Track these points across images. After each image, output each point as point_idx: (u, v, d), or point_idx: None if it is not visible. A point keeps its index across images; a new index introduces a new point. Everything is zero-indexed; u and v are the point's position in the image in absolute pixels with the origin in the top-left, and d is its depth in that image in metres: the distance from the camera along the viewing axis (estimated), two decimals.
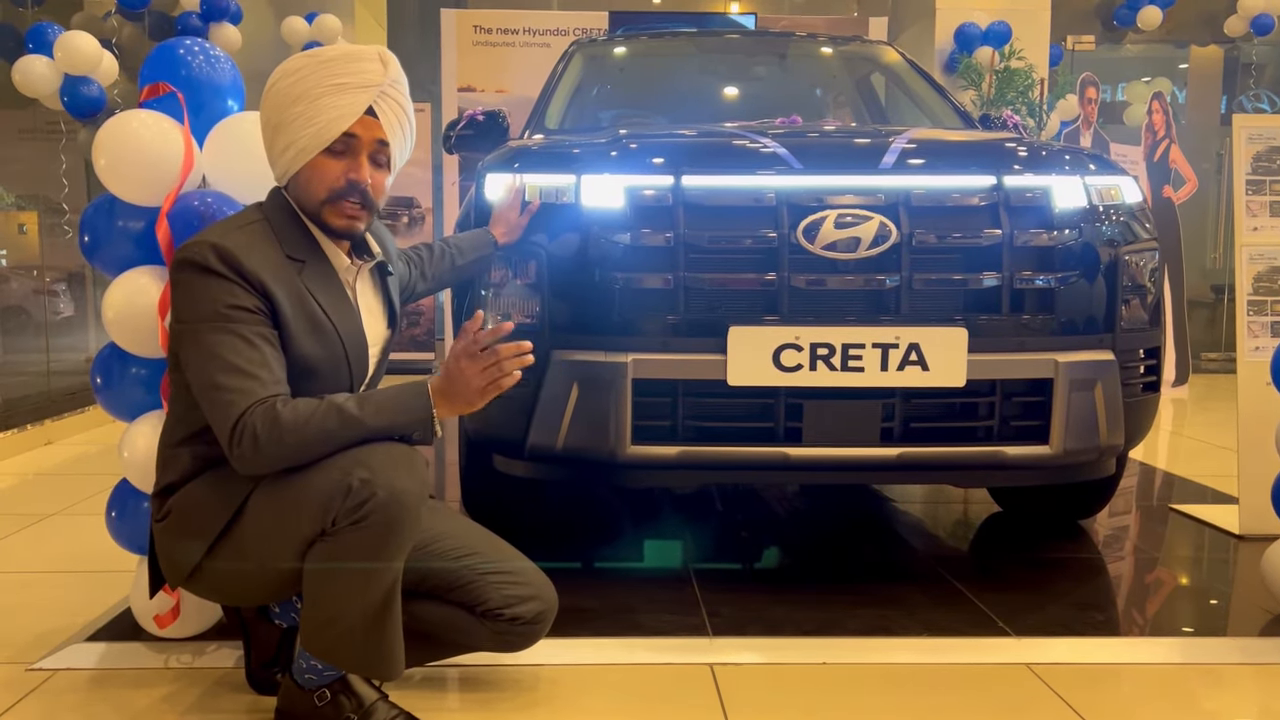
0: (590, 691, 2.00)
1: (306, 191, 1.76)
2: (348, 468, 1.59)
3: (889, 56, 4.08)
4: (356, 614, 1.63)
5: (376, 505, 1.57)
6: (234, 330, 1.63)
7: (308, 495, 1.59)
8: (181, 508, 1.70)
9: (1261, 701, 2.02)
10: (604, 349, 2.30)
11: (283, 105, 1.74)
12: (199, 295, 1.64)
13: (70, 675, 2.04)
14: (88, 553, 2.79)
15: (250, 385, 1.60)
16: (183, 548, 1.70)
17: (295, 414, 1.59)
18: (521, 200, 2.41)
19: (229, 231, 1.71)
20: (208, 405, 1.63)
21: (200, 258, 1.65)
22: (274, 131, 1.76)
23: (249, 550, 1.67)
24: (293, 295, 1.71)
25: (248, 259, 1.66)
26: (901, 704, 1.96)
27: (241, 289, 1.65)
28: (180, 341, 1.68)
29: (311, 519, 1.59)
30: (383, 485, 1.58)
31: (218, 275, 1.64)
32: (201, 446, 1.70)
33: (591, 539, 3.05)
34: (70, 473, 4.04)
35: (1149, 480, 3.94)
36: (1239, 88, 9.61)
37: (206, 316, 1.63)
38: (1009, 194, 2.36)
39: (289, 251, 1.74)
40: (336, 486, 1.57)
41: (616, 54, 4.20)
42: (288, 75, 1.76)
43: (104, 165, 2.02)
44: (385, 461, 1.60)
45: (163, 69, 2.12)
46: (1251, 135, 3.09)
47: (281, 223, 1.77)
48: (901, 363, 2.26)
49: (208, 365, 1.62)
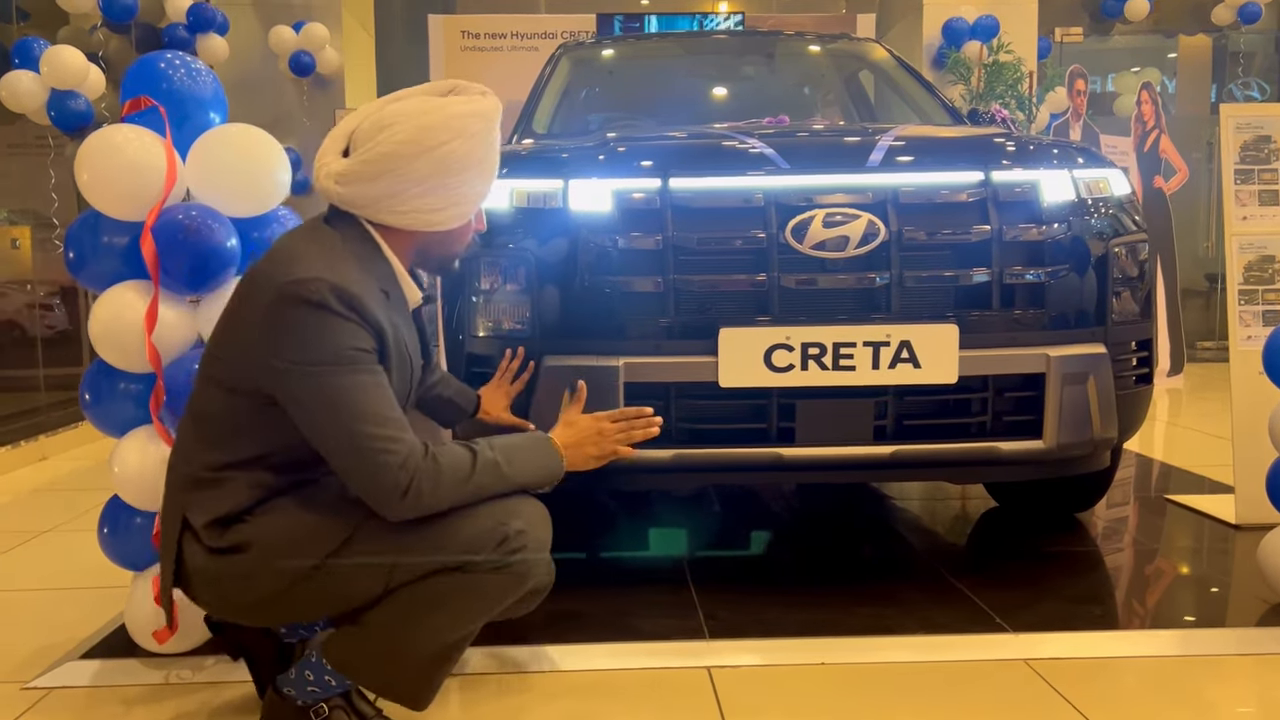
0: (588, 696, 1.99)
1: (451, 245, 1.78)
2: (503, 517, 1.64)
3: (876, 54, 4.08)
4: (433, 647, 1.65)
5: (526, 555, 1.65)
6: (363, 374, 1.57)
7: (458, 533, 1.61)
8: (272, 538, 1.61)
9: (1261, 693, 2.01)
10: (595, 353, 2.29)
11: (459, 168, 1.67)
12: (321, 337, 1.56)
13: (66, 693, 2.04)
14: (83, 569, 2.78)
15: (397, 433, 1.57)
16: (270, 578, 1.62)
17: (456, 468, 1.60)
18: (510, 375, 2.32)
19: (334, 266, 1.60)
20: (350, 453, 1.55)
21: (318, 297, 1.55)
22: (441, 189, 1.68)
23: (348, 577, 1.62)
24: (393, 331, 1.66)
25: (367, 299, 1.59)
26: (899, 703, 1.95)
27: (364, 330, 1.58)
28: (286, 380, 1.57)
29: (452, 554, 1.61)
30: (534, 538, 1.66)
31: (340, 316, 1.56)
32: (263, 473, 1.64)
33: (588, 543, 3.04)
34: (65, 488, 4.03)
35: (1146, 471, 3.94)
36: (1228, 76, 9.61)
37: (332, 360, 1.55)
38: (997, 189, 2.36)
39: (380, 284, 1.68)
40: (491, 532, 1.62)
41: (603, 57, 4.20)
42: (480, 119, 1.69)
43: (87, 181, 2.01)
44: (537, 516, 1.70)
45: (144, 83, 2.11)
46: (1239, 124, 3.09)
47: (366, 253, 1.69)
48: (893, 360, 2.26)
49: (343, 413, 1.55)
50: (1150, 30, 9.27)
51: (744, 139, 2.57)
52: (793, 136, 2.78)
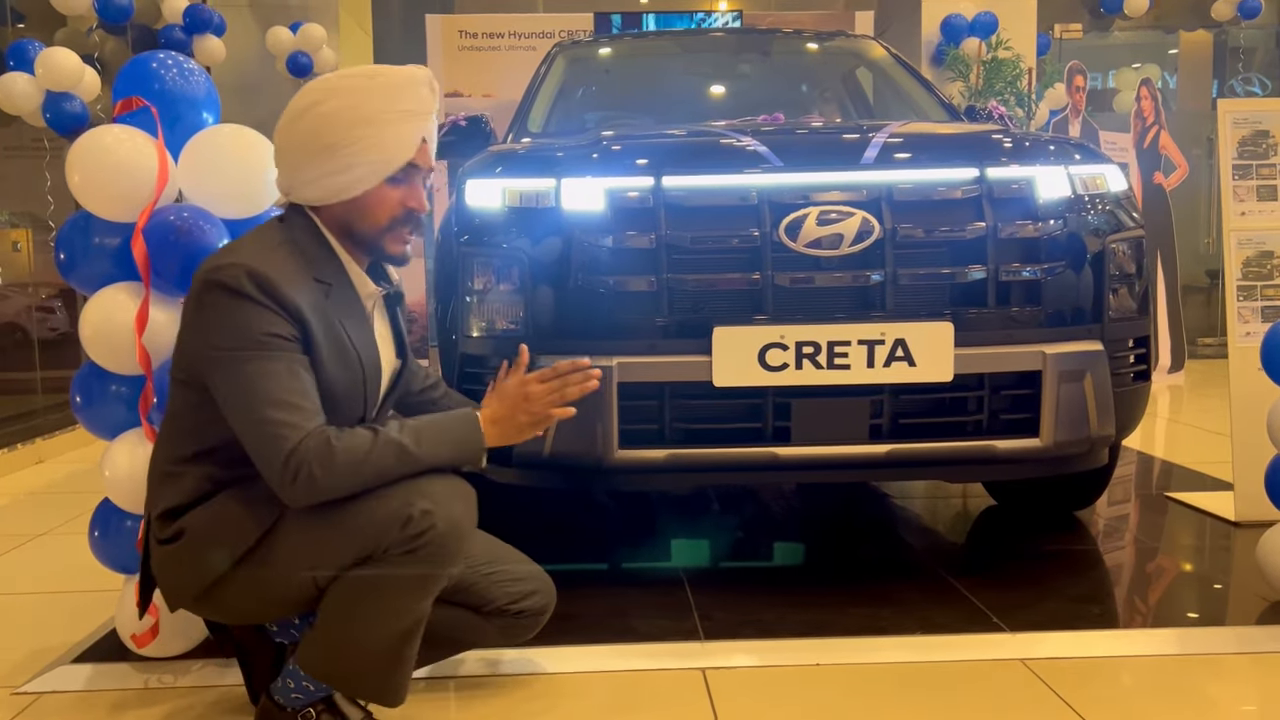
0: (583, 698, 1.98)
1: (364, 219, 1.72)
2: (408, 497, 1.58)
3: (873, 51, 4.06)
4: (381, 640, 1.62)
5: (434, 536, 1.58)
6: (274, 360, 1.57)
7: (359, 520, 1.58)
8: (200, 528, 1.64)
9: (1260, 691, 2.00)
10: (588, 353, 2.27)
11: (337, 127, 1.66)
12: (234, 321, 1.58)
13: (57, 698, 2.02)
14: (76, 573, 2.77)
15: (297, 418, 1.55)
16: (196, 568, 1.65)
17: (351, 449, 1.56)
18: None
19: (260, 253, 1.63)
20: (253, 438, 1.57)
21: (233, 281, 1.57)
22: (320, 152, 1.66)
23: (276, 571, 1.63)
24: (324, 320, 1.65)
25: (285, 285, 1.60)
26: (893, 704, 1.94)
27: (279, 316, 1.59)
28: (209, 367, 1.60)
29: (361, 543, 1.58)
30: (443, 517, 1.59)
31: (253, 301, 1.57)
32: (211, 467, 1.66)
33: (584, 544, 3.03)
34: (61, 491, 4.02)
35: (1146, 469, 3.92)
36: (1229, 72, 9.60)
37: (243, 345, 1.57)
38: (992, 186, 2.34)
39: (317, 274, 1.68)
40: (394, 514, 1.57)
41: (599, 55, 4.19)
42: (346, 95, 1.67)
43: (78, 182, 2.00)
44: (446, 493, 1.62)
45: (136, 83, 2.10)
46: (1236, 120, 3.08)
47: (308, 243, 1.70)
48: (888, 359, 2.25)
49: (249, 397, 1.56)
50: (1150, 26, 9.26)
51: (738, 137, 2.55)
52: (787, 134, 2.77)
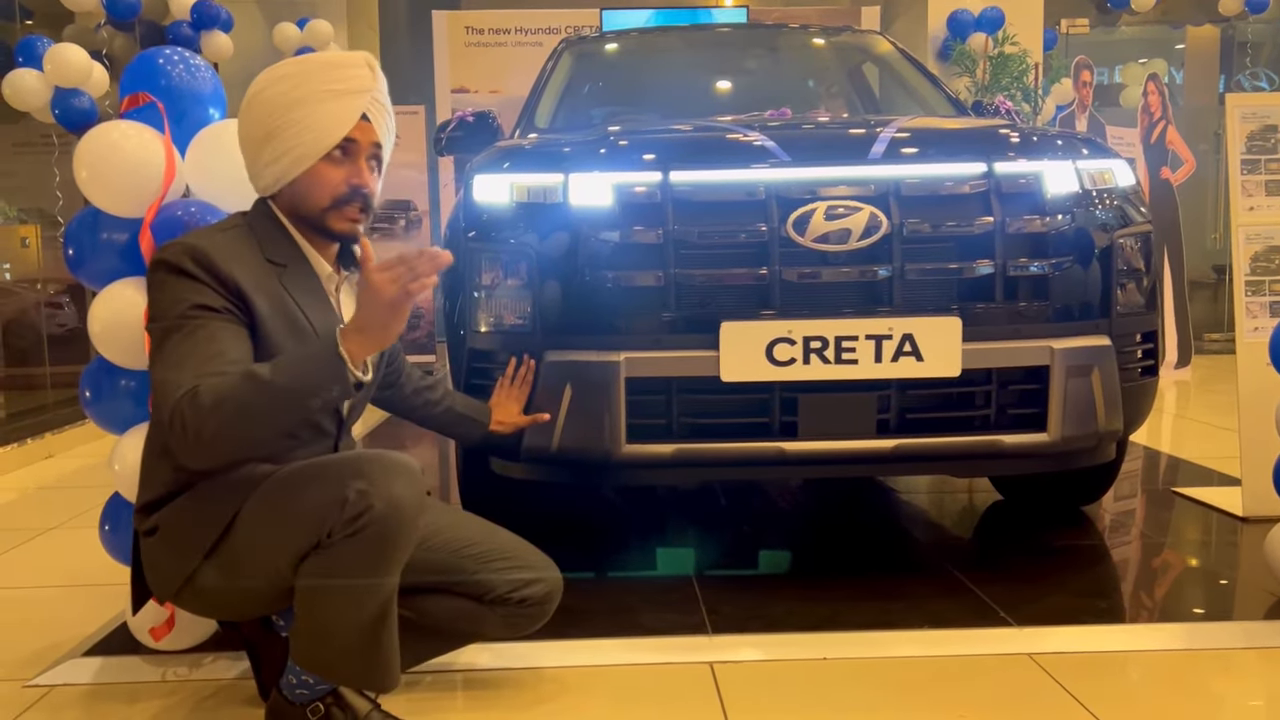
0: (591, 692, 1.98)
1: (307, 199, 1.74)
2: (344, 478, 1.56)
3: (880, 46, 4.06)
4: (352, 627, 1.60)
5: (374, 517, 1.54)
6: (199, 329, 1.58)
7: (302, 507, 1.57)
8: (169, 522, 1.68)
9: (1268, 686, 2.00)
10: (596, 348, 2.29)
11: (274, 112, 1.70)
12: (169, 296, 1.62)
13: (68, 691, 2.04)
14: (86, 567, 2.79)
15: (186, 377, 1.53)
16: (171, 563, 1.68)
17: (214, 393, 1.51)
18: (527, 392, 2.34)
19: (208, 235, 1.70)
20: (155, 403, 1.60)
21: (174, 259, 1.63)
22: (263, 140, 1.72)
23: (241, 565, 1.64)
24: (271, 297, 1.68)
25: (222, 259, 1.63)
26: (901, 698, 1.94)
27: (211, 290, 1.61)
28: (152, 343, 1.64)
29: (307, 531, 1.57)
30: (380, 496, 1.55)
31: (189, 276, 1.61)
32: (179, 461, 1.66)
33: (592, 538, 3.04)
34: (71, 486, 4.04)
35: (1153, 464, 3.92)
36: (1236, 67, 9.57)
37: (173, 315, 1.60)
38: (1000, 181, 2.34)
39: (269, 255, 1.72)
40: (332, 498, 1.55)
41: (605, 51, 4.18)
42: (277, 82, 1.72)
43: (85, 177, 2.01)
44: (382, 471, 1.57)
45: (143, 79, 2.11)
46: (1245, 114, 3.07)
47: (264, 228, 1.76)
48: (895, 354, 2.25)
49: (158, 365, 1.59)
50: (1157, 21, 9.23)
51: (745, 132, 2.55)
52: (794, 129, 2.77)
